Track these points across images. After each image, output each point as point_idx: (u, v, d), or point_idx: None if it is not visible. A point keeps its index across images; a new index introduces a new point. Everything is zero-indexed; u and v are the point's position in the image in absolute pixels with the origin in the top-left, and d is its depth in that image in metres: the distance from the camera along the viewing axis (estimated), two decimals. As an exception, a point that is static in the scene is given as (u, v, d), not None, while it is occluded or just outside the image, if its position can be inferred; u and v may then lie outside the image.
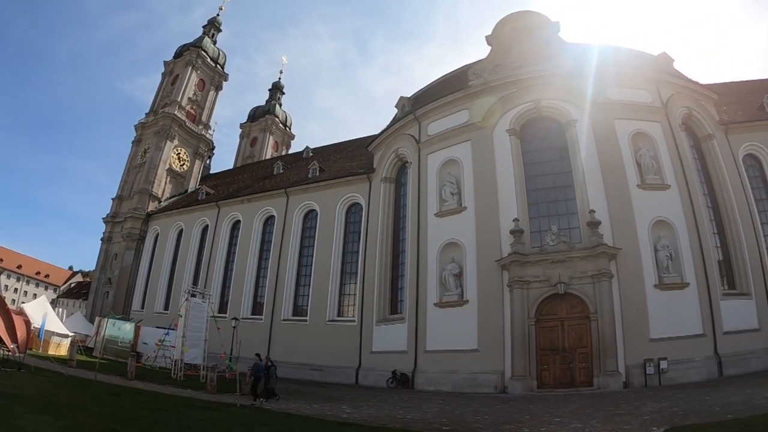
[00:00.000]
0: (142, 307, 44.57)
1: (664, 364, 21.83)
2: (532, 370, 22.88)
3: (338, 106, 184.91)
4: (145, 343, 32.01)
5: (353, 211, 34.79)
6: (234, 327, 30.31)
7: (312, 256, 35.03)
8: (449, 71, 33.71)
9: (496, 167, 26.49)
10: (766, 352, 24.40)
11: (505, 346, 23.44)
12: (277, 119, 69.98)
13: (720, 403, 14.42)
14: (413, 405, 18.14)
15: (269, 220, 38.70)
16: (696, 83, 30.29)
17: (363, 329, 30.10)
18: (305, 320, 33.82)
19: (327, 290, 33.16)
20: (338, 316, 32.83)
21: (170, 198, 50.41)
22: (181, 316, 27.15)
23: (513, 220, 24.88)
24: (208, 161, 58.66)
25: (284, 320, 34.61)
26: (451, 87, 30.23)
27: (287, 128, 72.29)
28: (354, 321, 31.29)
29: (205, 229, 42.86)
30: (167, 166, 51.04)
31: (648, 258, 23.93)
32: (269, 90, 74.45)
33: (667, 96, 27.93)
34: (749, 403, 13.80)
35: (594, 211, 24.25)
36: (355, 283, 32.34)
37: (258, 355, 21.25)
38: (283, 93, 74.90)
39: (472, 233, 25.86)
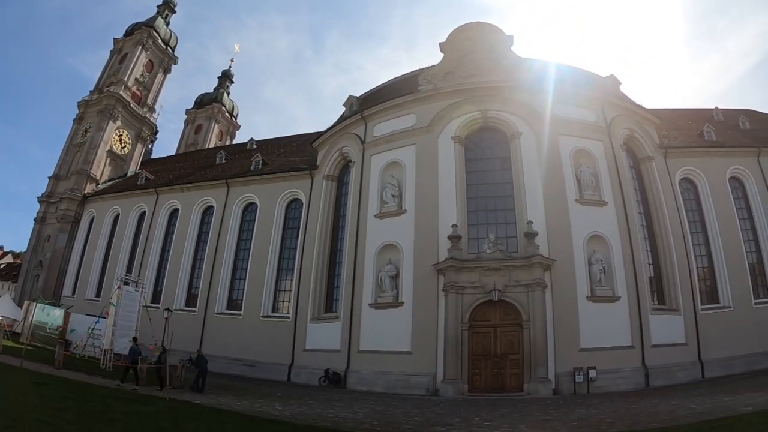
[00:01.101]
0: (74, 293, 42.51)
1: (593, 373, 22.63)
2: (463, 374, 23.18)
3: (287, 99, 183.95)
4: (73, 331, 30.47)
5: (293, 207, 34.26)
6: (166, 318, 29.32)
7: (249, 249, 34.28)
8: (400, 74, 33.83)
9: (438, 173, 26.63)
10: (692, 365, 26.18)
11: (438, 349, 23.62)
12: (224, 108, 68.38)
13: (646, 412, 14.89)
14: (344, 404, 18.07)
15: (208, 211, 37.64)
16: (640, 107, 31.58)
17: (297, 326, 29.69)
18: (239, 314, 33.06)
19: (263, 285, 32.50)
20: (273, 312, 32.20)
21: (109, 181, 48.41)
22: (113, 305, 26.17)
23: (452, 226, 25.05)
24: (150, 146, 56.83)
25: (218, 313, 33.71)
26: (401, 90, 30.28)
27: (233, 118, 70.72)
28: (288, 318, 30.77)
29: (143, 215, 41.31)
30: (108, 148, 49.02)
31: (582, 270, 24.79)
32: (218, 78, 72.63)
33: (611, 117, 28.99)
34: (674, 413, 14.27)
35: (532, 222, 24.79)
36: (292, 280, 31.81)
37: (135, 339, 22.28)
38: (233, 82, 73.35)
39: (411, 236, 25.90)
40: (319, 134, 34.56)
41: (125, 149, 51.09)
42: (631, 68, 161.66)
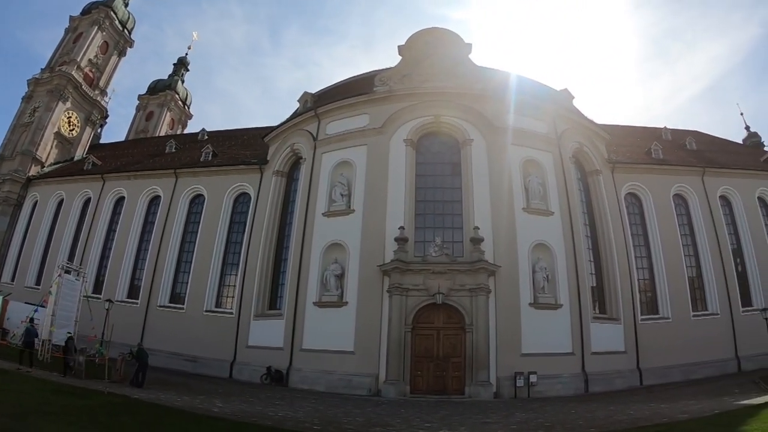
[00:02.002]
0: (13, 280, 40.45)
1: (533, 378, 23.22)
2: (406, 376, 23.28)
3: (241, 91, 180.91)
4: (9, 319, 29.11)
5: (241, 201, 33.66)
6: (107, 309, 28.33)
7: (195, 242, 33.47)
8: (357, 74, 33.85)
9: (388, 174, 26.63)
10: (631, 372, 27.10)
11: (381, 350, 23.68)
12: (177, 96, 66.43)
13: (584, 417, 15.25)
14: (286, 403, 17.92)
15: (155, 201, 36.49)
16: (591, 122, 32.37)
17: (240, 322, 29.15)
18: (182, 308, 32.22)
19: (207, 279, 31.76)
20: (216, 306, 31.53)
21: (55, 164, 46.46)
22: (51, 293, 25.06)
23: (399, 228, 25.04)
24: (99, 130, 54.61)
25: (160, 306, 32.77)
26: (356, 90, 30.18)
27: (186, 107, 68.82)
28: (232, 313, 30.17)
29: (87, 201, 39.75)
30: (56, 130, 47.03)
31: (525, 277, 25.24)
32: (174, 64, 70.42)
33: (562, 129, 29.61)
34: (611, 418, 14.69)
35: (478, 228, 25.06)
36: (236, 275, 31.24)
37: (32, 320, 22.18)
38: (188, 70, 71.18)
39: (358, 236, 25.81)
40: (271, 129, 34.03)
41: (73, 132, 49.21)
42: (585, 84, 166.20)
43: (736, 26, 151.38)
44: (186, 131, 64.73)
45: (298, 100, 33.48)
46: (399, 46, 29.90)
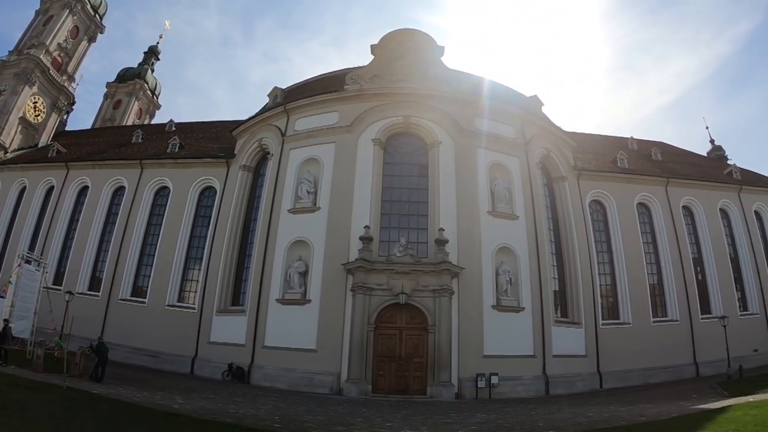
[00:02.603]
0: (-28, 269, 39.54)
1: (495, 379, 23.47)
2: (367, 375, 23.31)
3: (211, 83, 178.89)
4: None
5: (207, 194, 33.20)
6: (67, 301, 27.64)
7: (158, 235, 32.85)
8: (328, 71, 33.60)
9: (355, 173, 26.56)
10: (591, 376, 27.65)
11: (343, 348, 23.63)
12: (146, 85, 64.97)
13: (544, 419, 15.47)
14: (247, 400, 17.74)
15: (119, 191, 35.67)
16: (559, 129, 32.86)
17: (203, 318, 28.70)
18: (144, 302, 31.55)
19: (170, 273, 31.21)
20: (179, 301, 31.01)
21: (18, 150, 45.16)
22: (11, 283, 24.23)
23: (364, 227, 25.03)
24: (65, 117, 53.25)
25: (122, 300, 32.06)
26: (327, 87, 30.02)
27: (155, 97, 67.42)
28: (194, 308, 29.73)
29: (51, 190, 38.70)
30: (21, 114, 45.72)
31: (489, 280, 25.48)
32: (144, 53, 68.99)
33: (530, 135, 29.91)
34: (571, 420, 14.81)
35: (443, 230, 25.15)
36: (200, 270, 30.77)
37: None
38: (158, 59, 69.79)
39: (323, 234, 25.65)
40: (240, 123, 33.61)
41: (39, 118, 47.92)
42: (555, 91, 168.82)
43: (705, 43, 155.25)
44: (154, 122, 63.43)
45: (268, 95, 33.17)
46: (372, 46, 29.84)
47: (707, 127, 65.28)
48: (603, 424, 13.51)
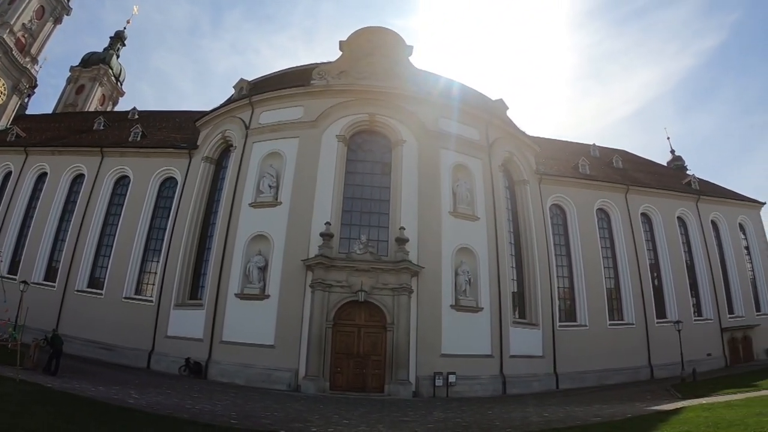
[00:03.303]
0: (-73, 256, 38.16)
1: (452, 378, 23.66)
2: (326, 372, 23.24)
3: (176, 72, 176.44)
4: None
5: (168, 185, 32.58)
6: (22, 291, 26.66)
7: (117, 225, 32.08)
8: (295, 65, 33.21)
9: (318, 169, 26.44)
10: (548, 376, 28.18)
11: (301, 345, 23.47)
12: (110, 71, 63.77)
13: (500, 418, 15.51)
14: (204, 396, 17.42)
15: (78, 179, 34.76)
16: (522, 133, 33.33)
17: (160, 311, 28.22)
18: (101, 294, 30.79)
19: (128, 265, 30.53)
20: (136, 293, 30.33)
21: (-24, 133, 44.00)
22: None
23: (325, 223, 24.93)
24: (26, 100, 51.72)
25: (78, 291, 31.22)
26: (293, 81, 29.78)
27: (119, 83, 66.09)
28: (152, 301, 29.13)
29: (8, 176, 37.53)
30: (-21, 96, 44.58)
31: (448, 280, 25.68)
32: (111, 38, 67.84)
33: (494, 138, 30.29)
34: (527, 420, 14.96)
35: (404, 229, 25.23)
36: (158, 262, 30.18)
37: None
38: (124, 45, 68.63)
39: (283, 229, 25.46)
40: (204, 113, 33.11)
41: (-1, 100, 46.59)
42: (520, 96, 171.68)
43: (670, 56, 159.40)
44: (117, 109, 62.26)
45: (234, 87, 32.85)
46: (340, 42, 29.69)
47: (668, 138, 67.68)
48: (559, 423, 13.68)
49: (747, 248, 42.18)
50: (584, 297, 31.93)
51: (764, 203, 43.75)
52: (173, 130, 36.71)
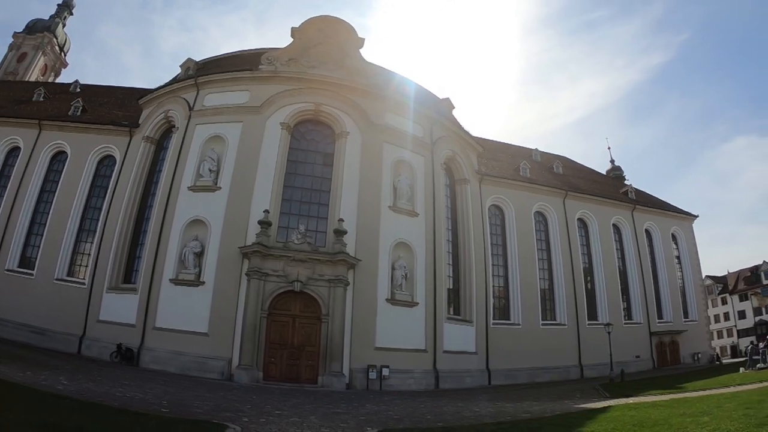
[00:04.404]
0: None
1: (386, 372, 23.86)
2: (259, 362, 23.02)
3: (123, 47, 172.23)
4: None
5: (106, 164, 31.54)
6: None
7: (52, 203, 30.80)
8: (244, 49, 33.05)
9: (260, 155, 26.15)
10: (480, 372, 28.86)
11: (235, 334, 23.18)
12: (55, 40, 61.73)
13: (432, 412, 15.50)
14: (135, 383, 16.83)
15: (13, 152, 33.13)
16: (467, 133, 33.96)
17: (93, 294, 27.25)
18: (32, 274, 29.50)
19: (61, 245, 29.36)
20: (69, 275, 29.24)
21: None
22: None
23: (264, 211, 24.65)
24: (-38, 66, 49.79)
25: (8, 271, 29.73)
26: (241, 65, 29.40)
27: (63, 54, 63.89)
28: (84, 284, 28.12)
29: (-64, 144, 35.82)
30: None
31: (385, 273, 25.89)
32: (58, 5, 65.70)
33: (438, 136, 30.72)
34: (458, 414, 15.00)
35: (343, 221, 25.30)
36: (92, 243, 29.19)
37: None
38: (72, 14, 66.59)
39: (221, 215, 25.09)
40: (148, 91, 32.24)
41: (-67, 66, 44.40)
42: (468, 96, 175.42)
43: (618, 69, 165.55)
44: (58, 80, 60.01)
45: (180, 66, 32.10)
46: (292, 28, 29.47)
47: (609, 148, 70.18)
48: (489, 419, 13.79)
49: (678, 258, 44.16)
50: (518, 296, 32.85)
51: (697, 216, 45.84)
52: (115, 107, 35.48)
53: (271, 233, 24.64)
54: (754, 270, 71.11)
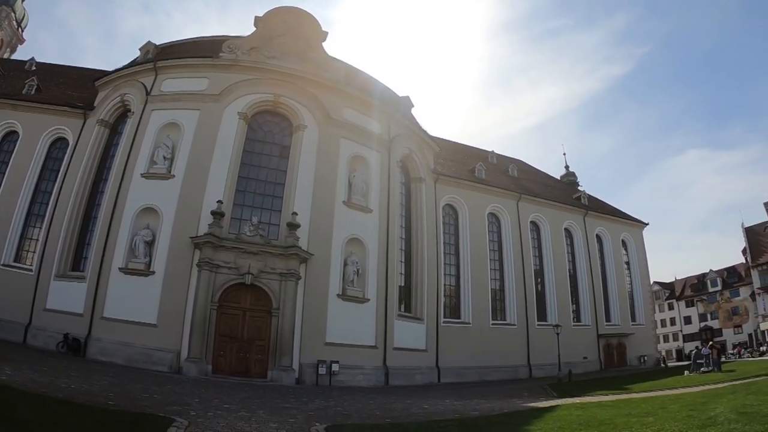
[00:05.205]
0: None
1: (336, 367, 23.80)
2: (208, 355, 22.66)
3: (83, 26, 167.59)
4: None
5: (59, 146, 30.45)
6: None
7: (0, 184, 29.60)
8: (206, 35, 32.28)
9: (216, 144, 25.80)
10: (430, 370, 29.10)
11: (184, 325, 22.76)
12: (13, 14, 58.88)
13: (381, 408, 15.50)
14: (81, 375, 16.38)
15: (-39, 131, 32.01)
16: (424, 132, 34.30)
17: (39, 282, 26.28)
18: (-24, 260, 28.55)
19: (8, 229, 28.18)
20: (15, 261, 28.15)
21: None
22: None
23: (217, 202, 24.35)
24: None
25: (-48, 255, 28.82)
26: (202, 51, 28.84)
27: (21, 29, 61.11)
28: (31, 270, 27.11)
29: None
30: None
31: (337, 269, 25.91)
32: None
33: (395, 133, 30.92)
34: (407, 411, 15.06)
35: (297, 214, 25.22)
36: (41, 228, 28.23)
37: None
38: None
39: (174, 204, 24.63)
40: (105, 73, 31.30)
41: None
42: (428, 95, 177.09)
43: (578, 77, 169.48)
44: (14, 57, 57.50)
45: (140, 49, 31.15)
46: (256, 17, 29.17)
47: (564, 154, 72.39)
48: (437, 416, 13.86)
49: (627, 263, 45.57)
50: (469, 296, 33.37)
51: (647, 224, 47.39)
52: (71, 87, 34.09)
53: (223, 224, 24.34)
54: (701, 278, 74.00)
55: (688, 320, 74.38)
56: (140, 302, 23.25)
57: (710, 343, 32.36)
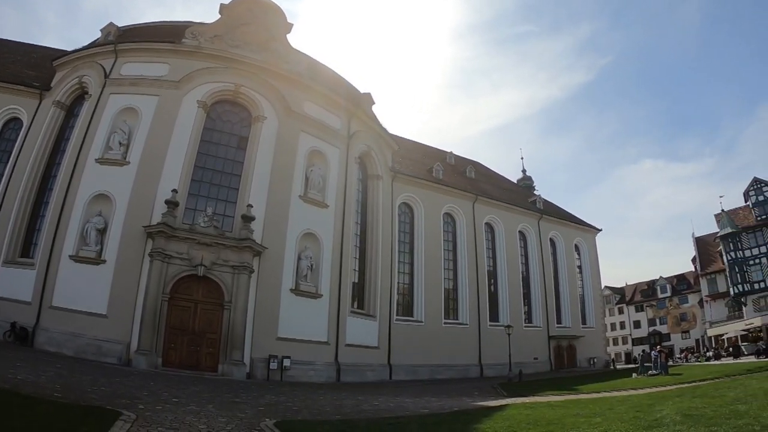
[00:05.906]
0: None
1: (287, 362, 23.86)
2: (159, 347, 22.33)
3: (43, 2, 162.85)
4: None
5: (12, 127, 29.35)
6: None
7: (-53, 166, 28.59)
8: (169, 20, 31.99)
9: (173, 132, 25.35)
10: (382, 367, 29.37)
11: (135, 317, 22.27)
12: None
13: (332, 405, 15.61)
14: (28, 365, 15.93)
15: None
16: (384, 129, 34.59)
17: (-14, 269, 25.25)
18: None
19: (-45, 214, 27.37)
20: (-40, 247, 27.35)
21: None
22: None
23: (172, 191, 24.01)
24: None
25: None
26: (164, 36, 28.24)
27: None
28: (-23, 257, 26.34)
29: None
30: None
31: (290, 263, 25.92)
32: None
33: (354, 130, 31.15)
34: (357, 407, 15.16)
35: (252, 207, 25.17)
36: (-10, 213, 27.33)
37: None
38: None
39: (128, 191, 24.11)
40: (64, 53, 30.35)
41: None
42: (389, 93, 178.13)
43: (540, 83, 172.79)
44: (-32, 33, 55.25)
45: (101, 30, 30.34)
46: (221, 5, 28.84)
47: (522, 158, 73.68)
48: (387, 413, 14.01)
49: (580, 267, 46.91)
50: (422, 294, 33.83)
51: (600, 230, 48.88)
52: (28, 66, 32.67)
53: (177, 214, 24.00)
54: (651, 284, 76.39)
55: (637, 324, 76.61)
56: (90, 291, 22.65)
57: (658, 347, 33.54)
